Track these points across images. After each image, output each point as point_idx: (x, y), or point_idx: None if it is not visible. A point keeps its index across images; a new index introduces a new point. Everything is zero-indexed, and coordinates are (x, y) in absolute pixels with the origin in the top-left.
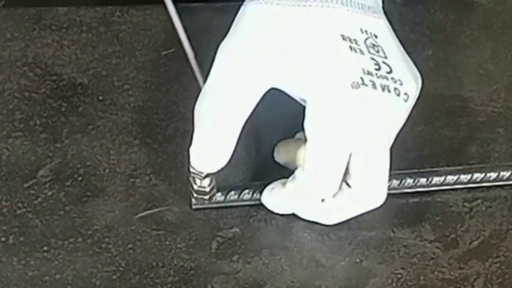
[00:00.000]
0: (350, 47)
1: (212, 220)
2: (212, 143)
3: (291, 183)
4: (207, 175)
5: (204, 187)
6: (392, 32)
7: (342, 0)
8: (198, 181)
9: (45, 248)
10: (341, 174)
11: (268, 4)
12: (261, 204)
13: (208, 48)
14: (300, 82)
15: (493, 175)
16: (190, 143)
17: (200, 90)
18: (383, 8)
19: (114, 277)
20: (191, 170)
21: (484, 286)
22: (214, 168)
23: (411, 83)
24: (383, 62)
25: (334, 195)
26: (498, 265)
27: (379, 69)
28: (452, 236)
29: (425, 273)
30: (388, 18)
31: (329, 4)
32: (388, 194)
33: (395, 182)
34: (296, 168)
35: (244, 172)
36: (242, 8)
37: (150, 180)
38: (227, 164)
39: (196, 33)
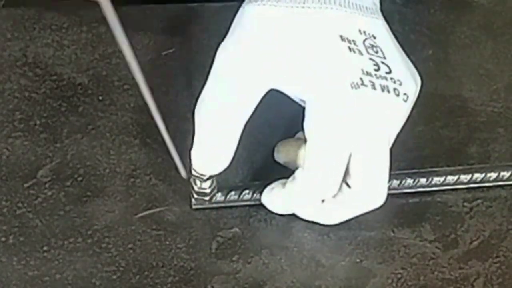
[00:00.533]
0: (349, 48)
1: (212, 220)
2: (213, 145)
3: (291, 183)
4: (209, 177)
5: (205, 189)
6: (391, 33)
7: (340, 1)
8: (199, 182)
9: (45, 248)
10: (341, 174)
11: (266, 6)
12: (261, 204)
13: (208, 48)
14: (299, 83)
15: (493, 175)
16: (191, 145)
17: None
18: (381, 9)
19: (114, 277)
20: (193, 172)
21: (484, 286)
22: (216, 170)
23: (410, 83)
24: (382, 63)
25: (334, 195)
26: (498, 265)
27: (378, 69)
28: (452, 236)
29: (425, 273)
30: (388, 18)
31: (327, 6)
32: (388, 194)
33: (395, 182)
34: (296, 168)
35: (244, 172)
36: (240, 9)
37: (150, 180)
38: (229, 165)
39: (196, 33)
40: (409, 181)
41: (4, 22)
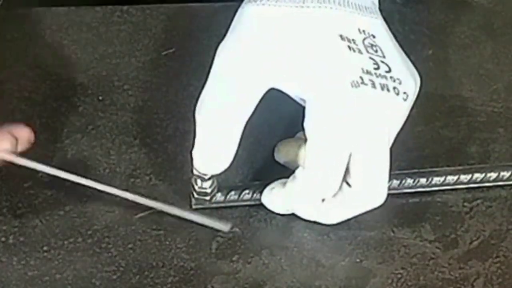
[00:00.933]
0: (349, 47)
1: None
2: (214, 145)
3: (291, 183)
4: (210, 177)
5: (206, 188)
6: (390, 32)
7: (339, 1)
8: (199, 182)
9: (45, 248)
10: (341, 174)
11: (266, 5)
12: (261, 204)
13: (208, 48)
14: (299, 82)
15: (493, 175)
16: (192, 145)
17: None
18: (381, 9)
19: (114, 277)
20: (194, 172)
21: (484, 286)
22: (218, 170)
23: (410, 82)
24: (382, 62)
25: (334, 195)
26: (498, 265)
27: (378, 68)
28: (452, 236)
29: (425, 273)
30: (388, 18)
31: (326, 5)
32: (388, 194)
33: (395, 182)
34: (296, 168)
35: (244, 172)
36: (239, 9)
37: (150, 180)
38: (231, 165)
39: (196, 33)
40: (409, 181)
41: (4, 22)
